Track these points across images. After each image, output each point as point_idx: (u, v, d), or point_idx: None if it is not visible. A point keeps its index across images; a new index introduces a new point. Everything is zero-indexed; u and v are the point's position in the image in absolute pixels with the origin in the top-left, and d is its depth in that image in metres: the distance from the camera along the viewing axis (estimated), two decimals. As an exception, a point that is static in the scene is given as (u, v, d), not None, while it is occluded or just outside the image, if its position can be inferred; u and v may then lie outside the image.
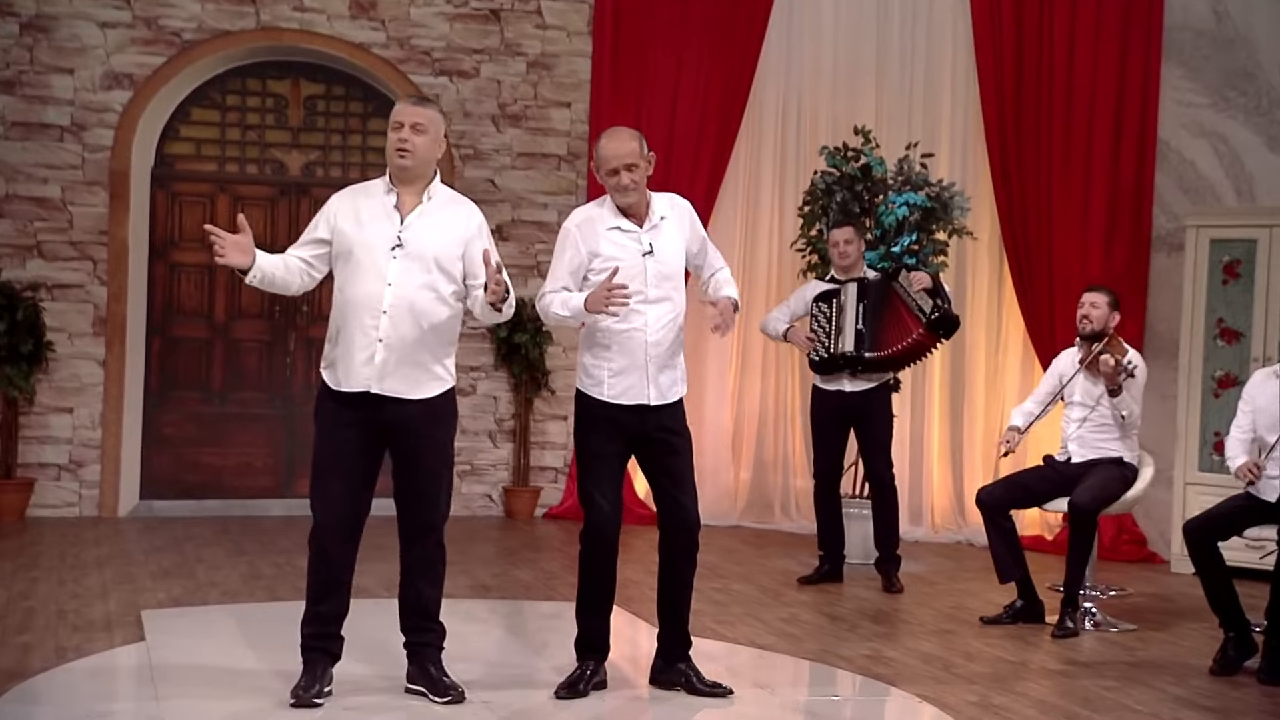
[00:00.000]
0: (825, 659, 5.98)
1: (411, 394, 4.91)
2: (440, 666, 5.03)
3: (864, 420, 7.92)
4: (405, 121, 4.92)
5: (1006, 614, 6.96)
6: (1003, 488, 7.12)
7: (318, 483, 4.93)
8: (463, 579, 7.60)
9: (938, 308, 7.60)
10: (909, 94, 10.02)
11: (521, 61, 10.21)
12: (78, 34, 9.49)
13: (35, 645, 5.62)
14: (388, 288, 4.86)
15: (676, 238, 5.27)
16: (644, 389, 5.17)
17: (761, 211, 10.21)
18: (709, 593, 7.43)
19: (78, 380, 9.48)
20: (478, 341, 10.08)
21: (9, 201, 9.38)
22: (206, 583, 7.17)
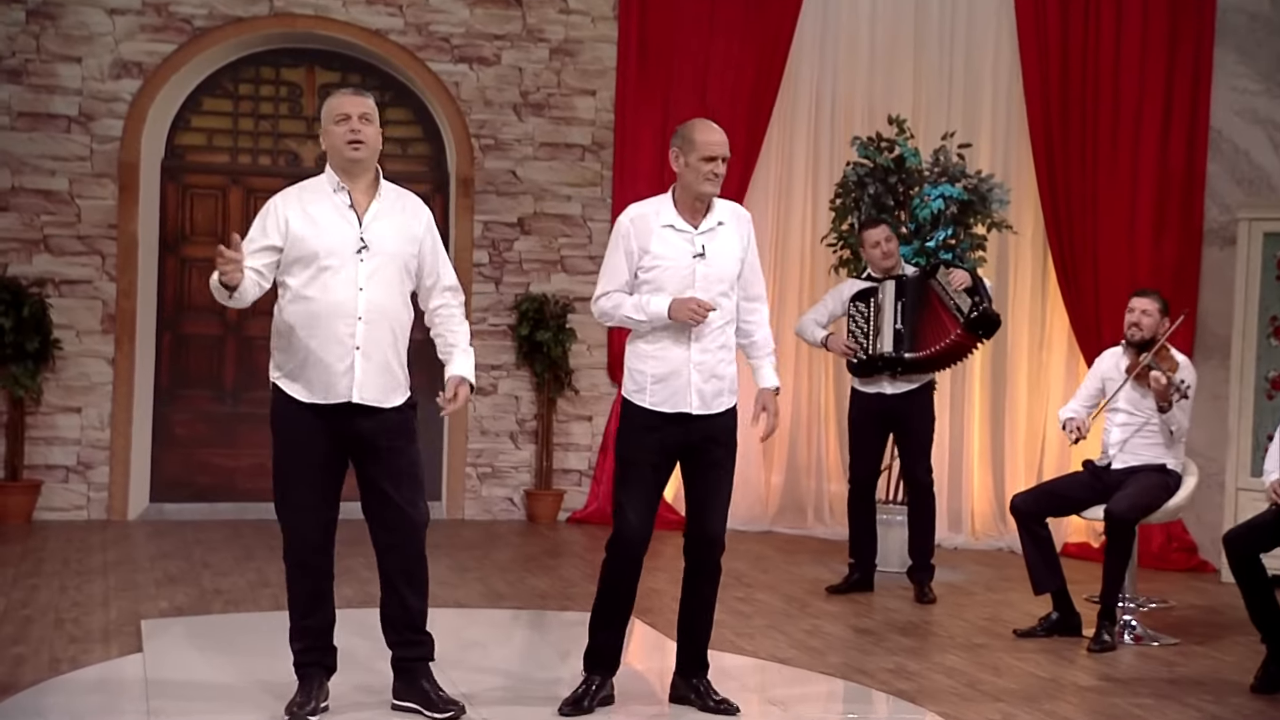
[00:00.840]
0: (846, 674, 5.98)
1: (385, 402, 4.92)
2: (433, 680, 5.05)
3: (905, 423, 7.92)
4: (352, 112, 4.89)
5: (1041, 627, 6.95)
6: (1038, 494, 7.12)
7: (287, 496, 4.94)
8: (477, 586, 7.67)
9: (976, 306, 7.58)
10: (948, 80, 10.00)
11: (544, 48, 10.25)
12: (85, 21, 9.59)
13: (29, 656, 5.70)
14: (359, 292, 4.85)
15: (733, 246, 5.26)
16: (686, 397, 5.18)
17: (794, 204, 10.21)
18: (732, 603, 7.45)
19: (86, 379, 9.59)
20: (499, 339, 10.13)
21: (15, 194, 9.49)
22: (211, 590, 7.25)
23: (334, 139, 4.91)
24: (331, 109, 4.93)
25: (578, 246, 10.27)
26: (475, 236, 10.13)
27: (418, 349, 5.24)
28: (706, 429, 5.23)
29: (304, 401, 4.88)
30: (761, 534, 9.99)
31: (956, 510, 9.97)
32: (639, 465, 5.20)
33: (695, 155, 5.16)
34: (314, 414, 4.87)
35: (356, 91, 5.02)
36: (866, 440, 8.00)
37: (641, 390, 5.22)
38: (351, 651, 5.37)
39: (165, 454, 9.90)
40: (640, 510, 5.18)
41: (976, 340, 7.79)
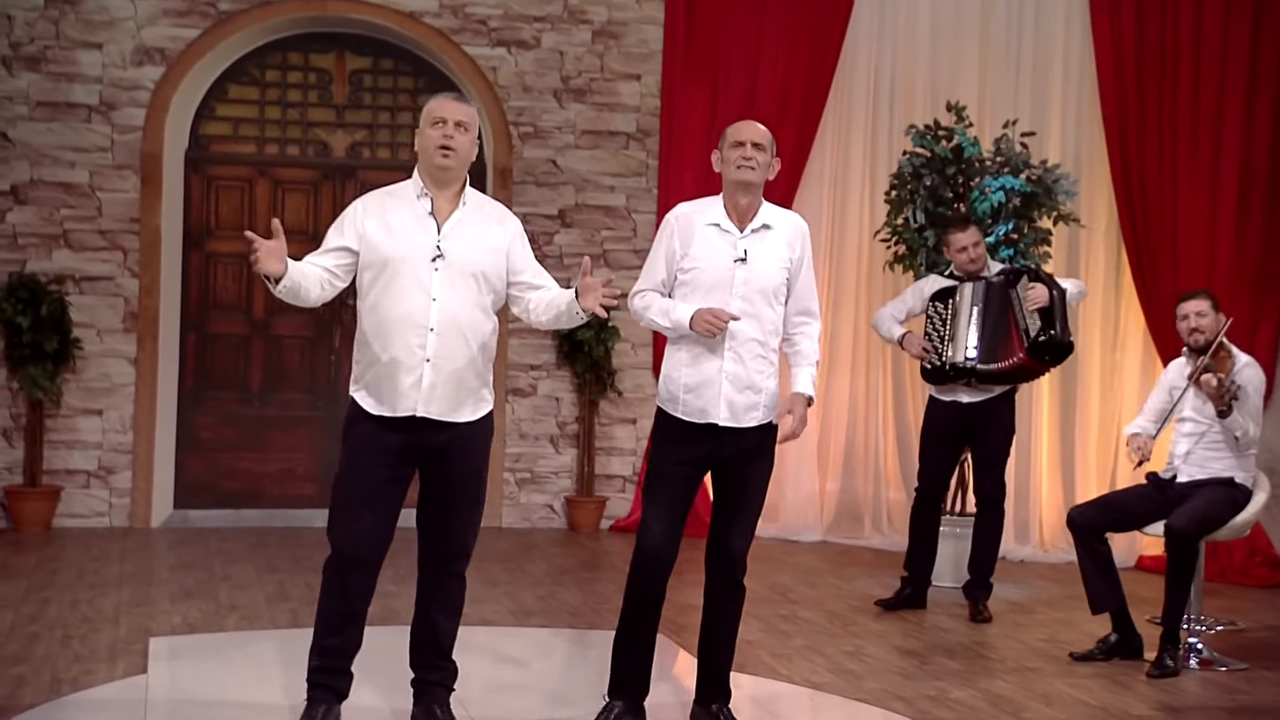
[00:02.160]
0: (882, 701, 6.03)
1: (456, 417, 5.02)
2: (447, 709, 5.16)
3: (980, 434, 7.95)
4: (449, 118, 4.97)
5: (1099, 649, 6.96)
6: (1097, 508, 7.13)
7: (344, 510, 5.03)
8: (506, 602, 7.77)
9: (1044, 331, 7.57)
10: (1015, 65, 10.00)
11: (586, 30, 10.33)
12: (106, 5, 9.79)
13: (30, 677, 5.85)
14: (433, 303, 4.95)
15: (779, 252, 5.32)
16: (716, 408, 5.24)
17: (850, 195, 10.24)
18: (773, 620, 7.52)
19: (107, 380, 9.79)
20: (538, 338, 10.24)
21: (34, 187, 9.71)
22: (227, 605, 7.40)
23: (426, 141, 5.00)
24: (430, 111, 5.02)
25: (622, 240, 10.36)
26: (513, 229, 10.22)
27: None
28: (739, 443, 5.29)
29: (374, 414, 4.99)
30: (815, 545, 10.05)
31: (1024, 520, 9.98)
32: (668, 478, 5.28)
33: (725, 145, 5.28)
34: (382, 427, 4.98)
35: (459, 98, 5.11)
36: (939, 450, 8.03)
37: (674, 399, 5.30)
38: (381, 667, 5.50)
39: (189, 459, 10.09)
40: (666, 525, 5.24)
41: (1043, 365, 7.79)
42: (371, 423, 4.99)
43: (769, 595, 8.22)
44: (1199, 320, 6.92)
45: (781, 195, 10.05)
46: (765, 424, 5.33)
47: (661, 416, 5.33)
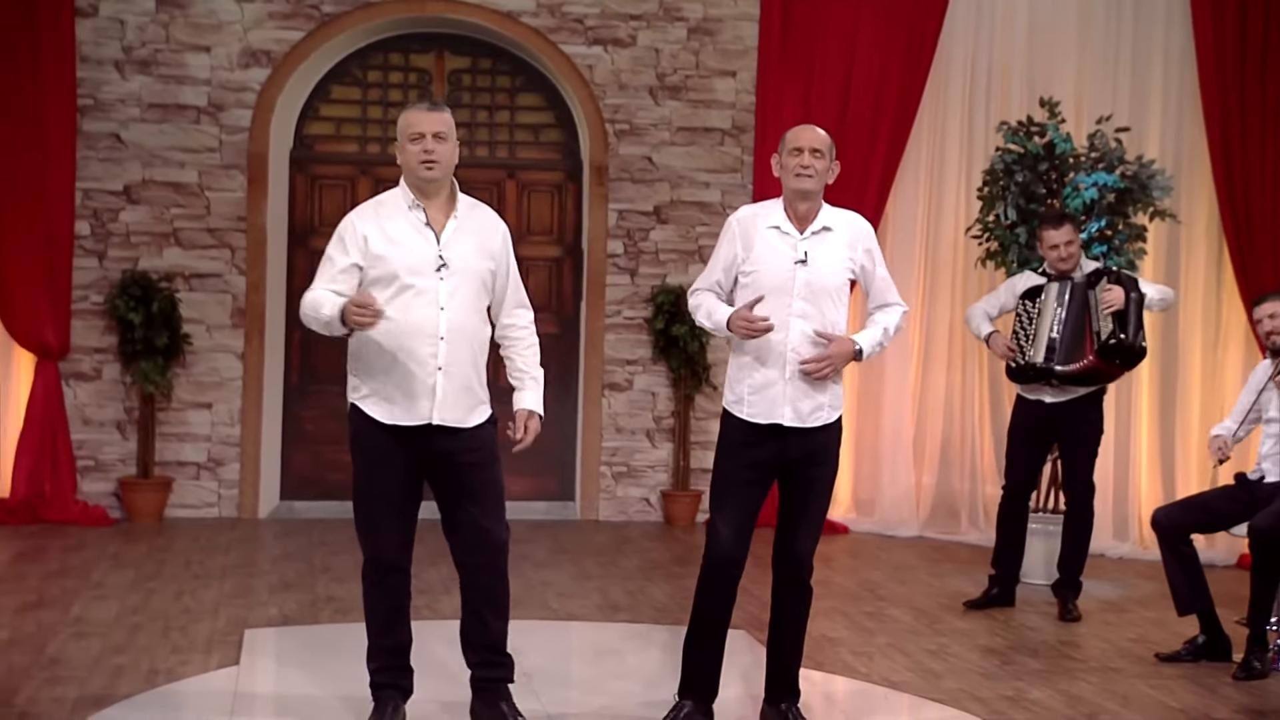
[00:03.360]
0: (959, 701, 6.05)
1: (466, 422, 5.13)
2: (511, 703, 5.26)
3: (1066, 434, 7.93)
4: (426, 131, 5.05)
5: (1186, 650, 6.93)
6: (1182, 509, 7.11)
7: (367, 517, 5.18)
8: (594, 597, 7.88)
9: (1114, 335, 7.53)
10: (1114, 58, 9.95)
11: (682, 27, 10.40)
12: (214, 9, 10.02)
13: (129, 668, 6.06)
14: (441, 312, 5.04)
15: (840, 254, 5.37)
16: (780, 408, 5.30)
17: (946, 191, 10.23)
18: (858, 617, 7.56)
19: (216, 375, 10.04)
20: (634, 333, 10.34)
21: (145, 187, 9.97)
22: (324, 597, 7.58)
23: (408, 157, 5.09)
24: (406, 125, 5.11)
25: (716, 236, 10.32)
26: (609, 226, 10.34)
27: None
28: (805, 445, 5.34)
29: (384, 423, 5.09)
30: (910, 540, 10.05)
31: (1123, 517, 9.94)
32: (733, 479, 5.35)
33: (785, 152, 5.32)
34: (394, 435, 5.09)
35: (432, 107, 5.17)
36: (1024, 449, 8.02)
37: (740, 401, 5.37)
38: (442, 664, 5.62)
39: (295, 451, 10.32)
40: (734, 529, 5.31)
41: (1114, 369, 7.74)
42: (383, 432, 5.09)
43: (858, 592, 8.26)
44: (1272, 323, 6.86)
45: (876, 190, 10.14)
46: (830, 424, 5.36)
47: (727, 419, 5.39)
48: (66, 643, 6.46)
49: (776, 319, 5.26)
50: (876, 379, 10.33)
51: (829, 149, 5.35)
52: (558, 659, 6.41)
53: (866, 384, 10.37)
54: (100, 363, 9.90)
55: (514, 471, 10.35)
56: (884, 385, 10.31)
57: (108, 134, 9.92)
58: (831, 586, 8.34)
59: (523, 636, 6.61)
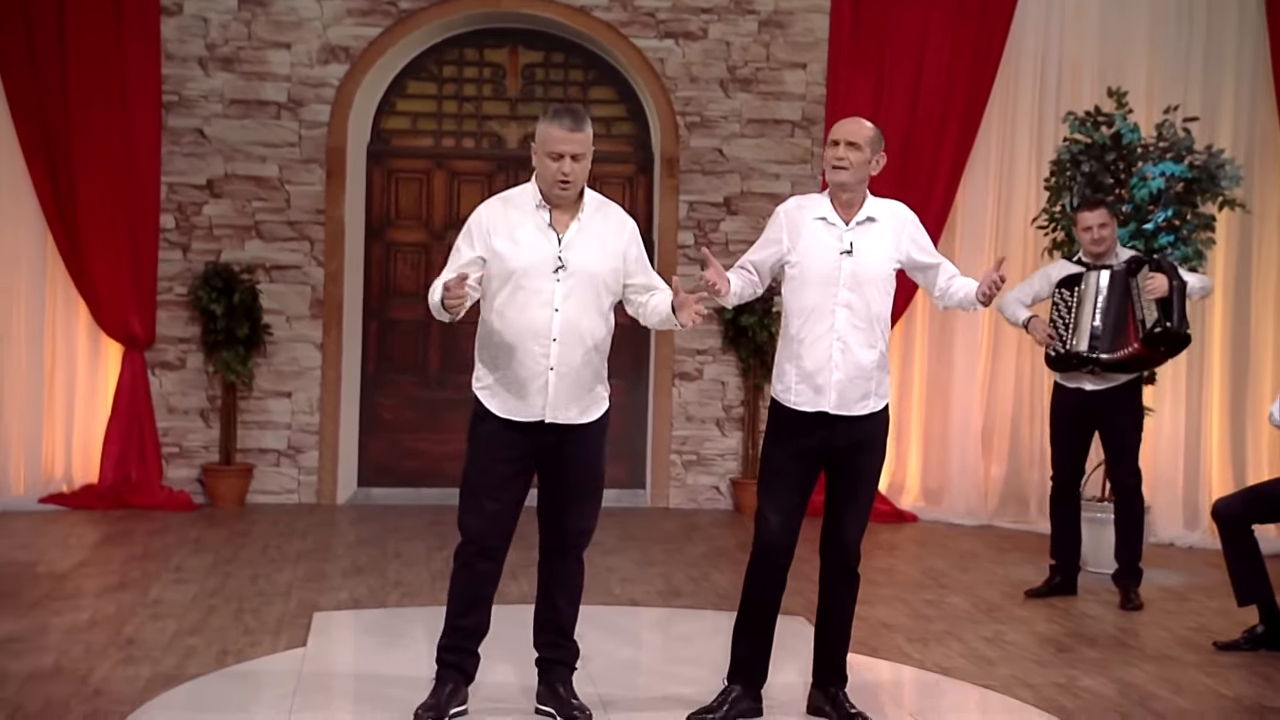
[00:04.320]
0: (1010, 687, 6.09)
1: (580, 419, 5.24)
2: (570, 687, 5.39)
3: (1107, 422, 7.94)
4: (566, 152, 5.08)
5: (1245, 639, 6.92)
6: (1244, 498, 7.10)
7: (473, 501, 5.28)
8: (658, 582, 7.99)
9: (1160, 323, 7.53)
10: (1186, 49, 9.89)
11: (753, 20, 10.47)
12: (295, 7, 10.22)
13: (200, 649, 6.25)
14: (555, 313, 5.13)
15: (886, 244, 5.45)
16: (827, 396, 5.37)
17: (1016, 182, 10.22)
18: (918, 605, 7.61)
19: (295, 364, 10.26)
20: (705, 323, 10.30)
21: (227, 181, 10.19)
22: (393, 581, 7.74)
23: (544, 170, 5.13)
24: (546, 140, 5.11)
25: (787, 227, 10.44)
26: (680, 217, 10.44)
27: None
28: (852, 433, 5.40)
29: (500, 416, 5.22)
30: (978, 529, 10.08)
31: (1193, 505, 9.90)
32: (781, 468, 5.42)
33: (828, 144, 5.42)
34: (508, 428, 5.21)
35: (574, 126, 5.14)
36: (1067, 438, 8.04)
37: (788, 390, 5.44)
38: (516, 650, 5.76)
39: (372, 439, 10.52)
40: (783, 519, 5.39)
41: (1159, 355, 7.74)
42: (498, 422, 5.21)
43: (920, 580, 8.31)
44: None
45: (946, 182, 10.18)
46: (876, 413, 5.43)
47: (775, 408, 5.47)
48: (143, 624, 6.66)
49: (823, 308, 5.35)
50: (946, 369, 10.35)
51: (869, 142, 5.39)
52: (614, 644, 6.50)
53: (935, 374, 10.41)
54: (184, 352, 10.14)
55: (586, 459, 10.54)
56: (953, 375, 10.33)
57: (191, 129, 10.16)
58: (895, 574, 8.40)
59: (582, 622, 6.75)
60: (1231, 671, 6.52)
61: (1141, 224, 8.41)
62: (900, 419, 10.45)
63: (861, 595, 7.23)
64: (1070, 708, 5.85)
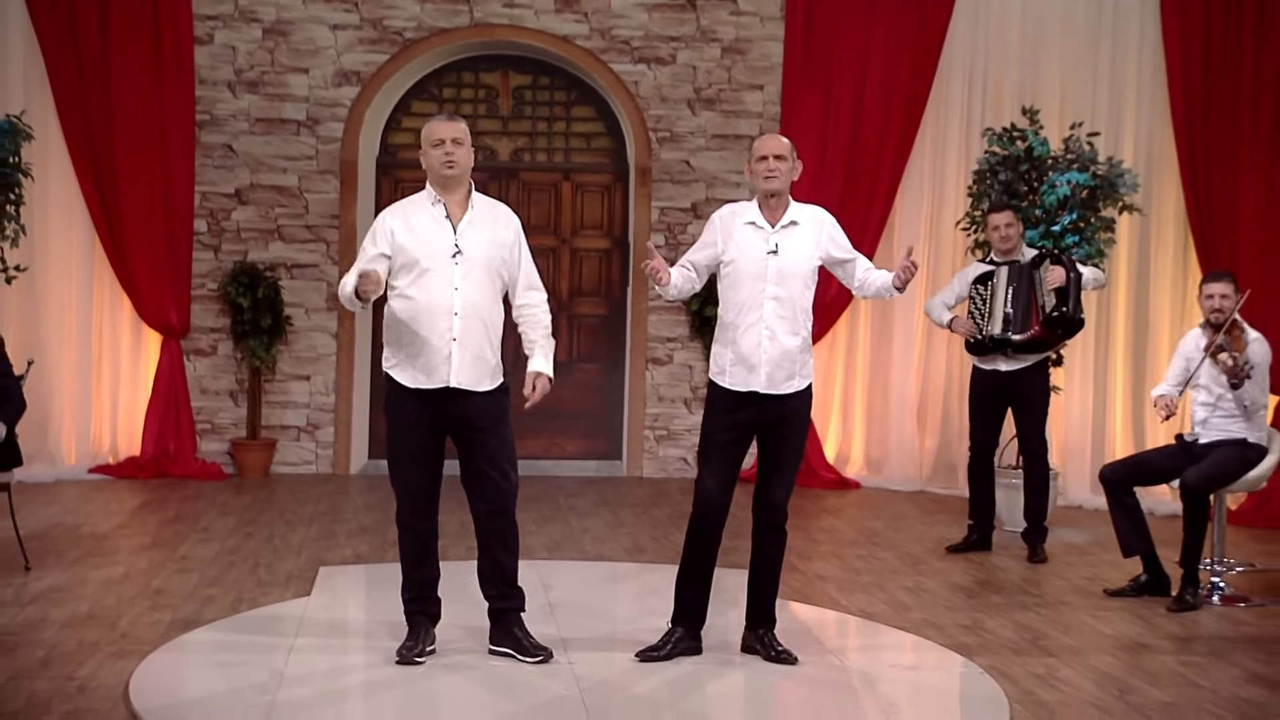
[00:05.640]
0: (920, 629, 6.25)
1: (479, 387, 5.38)
2: (524, 628, 5.52)
3: (1019, 398, 8.09)
4: (446, 137, 5.35)
5: (1131, 587, 7.08)
6: (1126, 465, 7.27)
7: (399, 469, 5.46)
8: (624, 541, 8.15)
9: (1057, 308, 7.70)
10: (1094, 69, 10.00)
11: (716, 47, 10.60)
12: (312, 36, 10.35)
13: (218, 598, 6.41)
14: (455, 292, 5.30)
15: (807, 244, 5.59)
16: (757, 377, 5.53)
17: (946, 188, 10.34)
18: (851, 560, 7.76)
19: (314, 351, 10.41)
20: (673, 314, 10.58)
21: (253, 190, 10.34)
22: (392, 542, 7.69)
23: (431, 160, 5.38)
24: (429, 134, 5.40)
25: (745, 229, 10.58)
26: (652, 221, 10.58)
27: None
28: (780, 409, 5.56)
29: (410, 387, 5.38)
30: (913, 494, 10.23)
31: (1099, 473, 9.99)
32: (716, 440, 5.58)
33: (753, 159, 5.55)
34: (419, 398, 5.37)
35: (450, 117, 5.46)
36: (984, 413, 8.20)
37: (723, 373, 5.60)
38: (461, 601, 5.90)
39: (381, 417, 10.63)
40: (717, 481, 5.55)
41: (1057, 337, 7.90)
42: (410, 394, 5.36)
43: (856, 538, 8.46)
44: (1222, 302, 6.97)
45: (886, 189, 10.31)
46: (801, 390, 5.58)
47: (712, 388, 5.63)
48: (170, 577, 6.82)
49: (753, 301, 5.52)
50: (886, 353, 10.50)
51: (790, 152, 5.56)
52: (579, 593, 6.66)
53: (877, 358, 10.55)
54: (215, 341, 10.30)
55: (569, 434, 10.72)
56: (892, 359, 10.48)
57: (221, 145, 10.30)
58: (834, 534, 8.56)
59: (554, 574, 6.98)
60: (1115, 614, 6.68)
61: (1050, 226, 8.56)
62: (846, 397, 10.63)
63: (801, 551, 7.48)
64: (971, 645, 6.01)
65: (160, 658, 5.40)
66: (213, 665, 5.41)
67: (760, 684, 5.38)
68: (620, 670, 5.44)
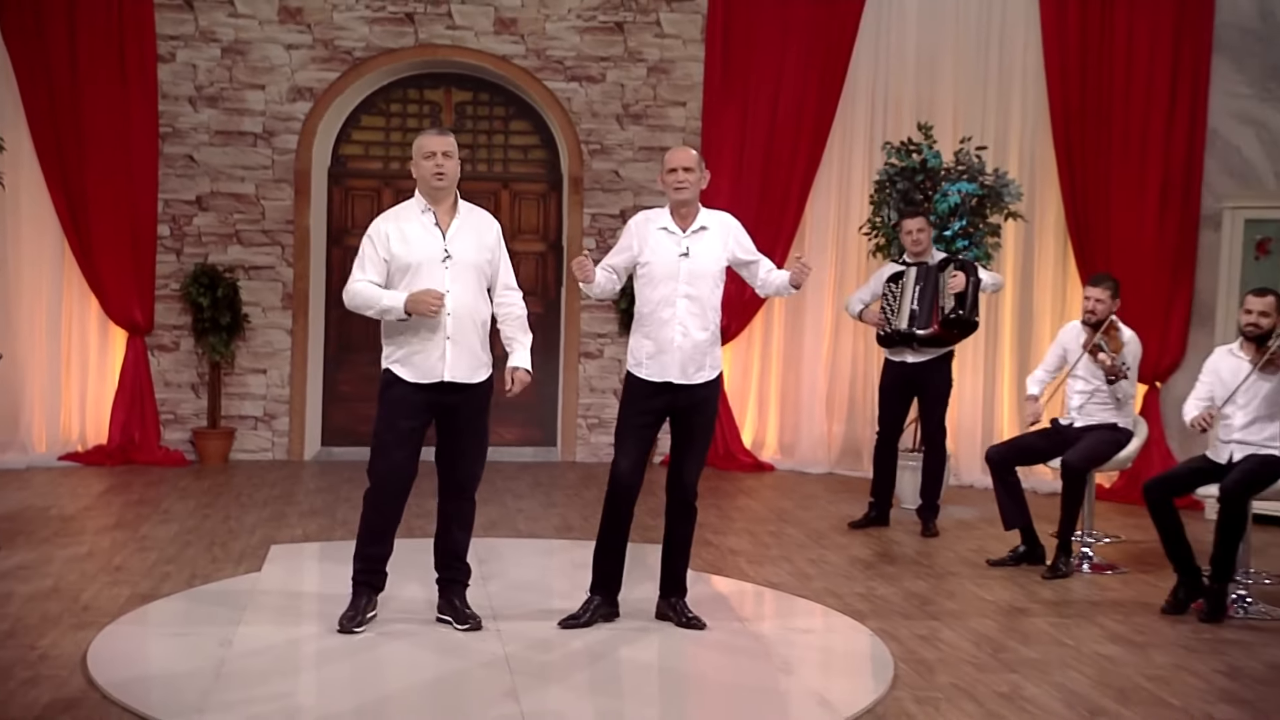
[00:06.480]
0: (820, 597, 6.37)
1: (471, 379, 5.45)
2: (464, 599, 5.61)
3: (924, 388, 8.22)
4: (437, 150, 5.38)
5: (1011, 557, 7.24)
6: (1009, 447, 7.42)
7: (382, 451, 5.47)
8: (555, 520, 8.21)
9: (954, 310, 7.85)
10: (984, 87, 10.14)
11: (642, 67, 10.67)
12: (268, 55, 10.33)
13: (174, 573, 6.42)
14: (447, 294, 5.36)
15: (715, 247, 5.68)
16: (672, 370, 5.61)
17: (853, 196, 10.46)
18: (762, 536, 7.86)
19: (270, 346, 10.39)
20: (604, 312, 10.65)
21: (213, 197, 10.31)
22: (340, 522, 7.92)
23: (422, 171, 5.40)
24: (420, 146, 5.41)
25: (669, 234, 10.66)
26: (585, 226, 10.64)
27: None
28: (690, 397, 5.65)
29: (410, 381, 5.41)
30: (822, 475, 10.35)
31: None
32: (631, 423, 5.67)
33: (664, 170, 5.64)
34: (416, 390, 5.41)
35: (441, 131, 5.47)
36: (892, 401, 8.33)
37: (639, 365, 5.68)
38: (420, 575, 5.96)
39: (333, 407, 10.67)
40: (632, 460, 5.63)
41: (953, 336, 8.05)
42: (405, 386, 5.41)
43: (767, 516, 8.56)
44: (1096, 305, 7.14)
45: (798, 197, 10.43)
46: (710, 381, 5.67)
47: (629, 378, 5.71)
48: (131, 555, 6.82)
49: (667, 300, 5.60)
50: (798, 347, 10.62)
51: (698, 164, 5.64)
52: (510, 567, 6.72)
53: (790, 351, 10.67)
54: (178, 337, 10.26)
55: (508, 423, 10.75)
56: (804, 352, 10.60)
57: (183, 155, 10.26)
58: (748, 512, 8.66)
59: (488, 551, 7.02)
60: (995, 581, 6.83)
61: (943, 231, 8.70)
62: (761, 388, 10.74)
63: (716, 528, 7.57)
64: (864, 610, 6.13)
65: (117, 629, 5.41)
66: (166, 635, 5.43)
67: (671, 648, 5.46)
68: (544, 635, 5.52)
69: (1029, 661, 5.36)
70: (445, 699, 4.77)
